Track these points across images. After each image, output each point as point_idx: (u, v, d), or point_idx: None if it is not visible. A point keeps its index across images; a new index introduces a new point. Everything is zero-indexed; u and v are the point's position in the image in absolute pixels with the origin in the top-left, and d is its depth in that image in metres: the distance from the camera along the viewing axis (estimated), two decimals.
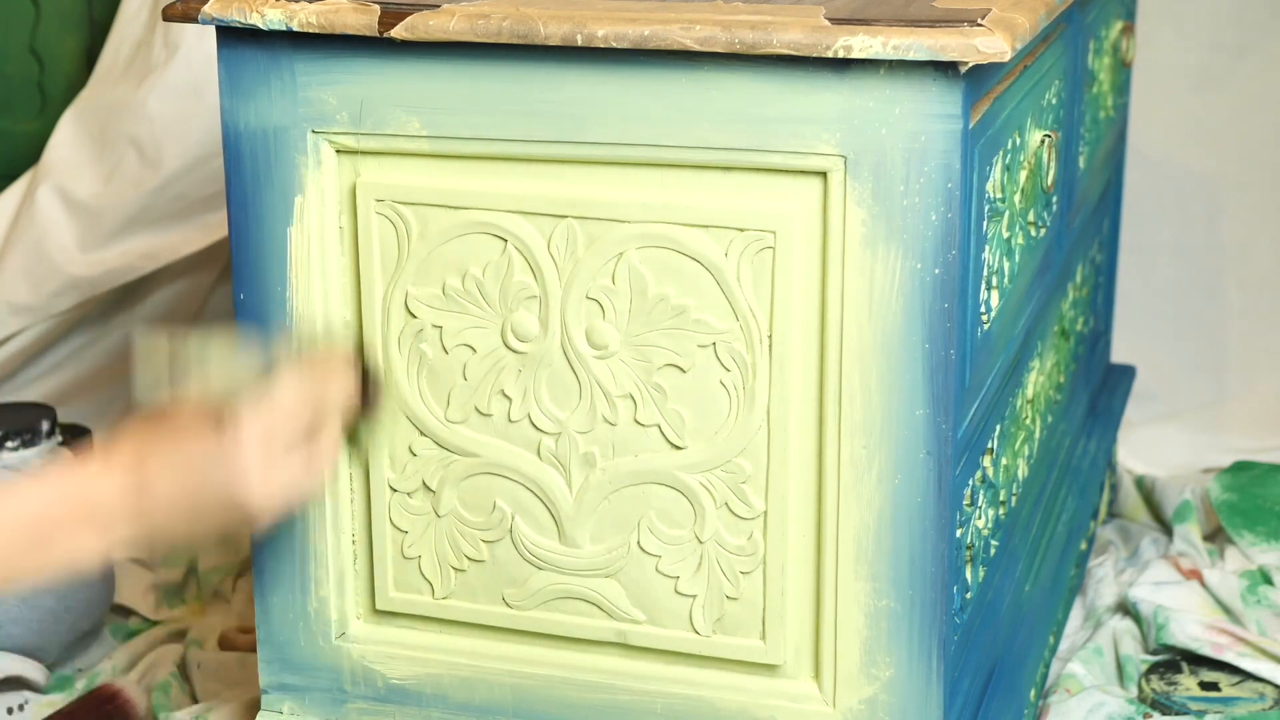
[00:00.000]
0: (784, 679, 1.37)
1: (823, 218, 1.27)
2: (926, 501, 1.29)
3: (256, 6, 1.31)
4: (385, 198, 1.35)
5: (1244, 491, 2.16)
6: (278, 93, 1.35)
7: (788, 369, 1.30)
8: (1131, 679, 1.84)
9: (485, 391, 1.37)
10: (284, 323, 1.38)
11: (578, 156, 1.30)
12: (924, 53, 1.19)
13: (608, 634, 1.40)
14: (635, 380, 1.33)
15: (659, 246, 1.30)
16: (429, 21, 1.28)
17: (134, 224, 2.25)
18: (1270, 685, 1.82)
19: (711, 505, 1.35)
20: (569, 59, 1.28)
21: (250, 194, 1.38)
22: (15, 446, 1.97)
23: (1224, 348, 2.51)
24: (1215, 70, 2.44)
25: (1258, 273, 2.49)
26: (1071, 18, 1.66)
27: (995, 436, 1.48)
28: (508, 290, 1.34)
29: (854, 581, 1.32)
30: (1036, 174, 1.49)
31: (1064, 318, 1.84)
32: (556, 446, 1.37)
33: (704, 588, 1.37)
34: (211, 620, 1.95)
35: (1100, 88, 1.91)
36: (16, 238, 2.27)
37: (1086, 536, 1.97)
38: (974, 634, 1.46)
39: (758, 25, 1.22)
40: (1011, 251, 1.44)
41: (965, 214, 1.26)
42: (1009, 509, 1.57)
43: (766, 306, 1.29)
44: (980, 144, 1.29)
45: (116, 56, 2.32)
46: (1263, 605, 1.95)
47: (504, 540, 1.40)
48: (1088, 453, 2.00)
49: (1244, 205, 2.47)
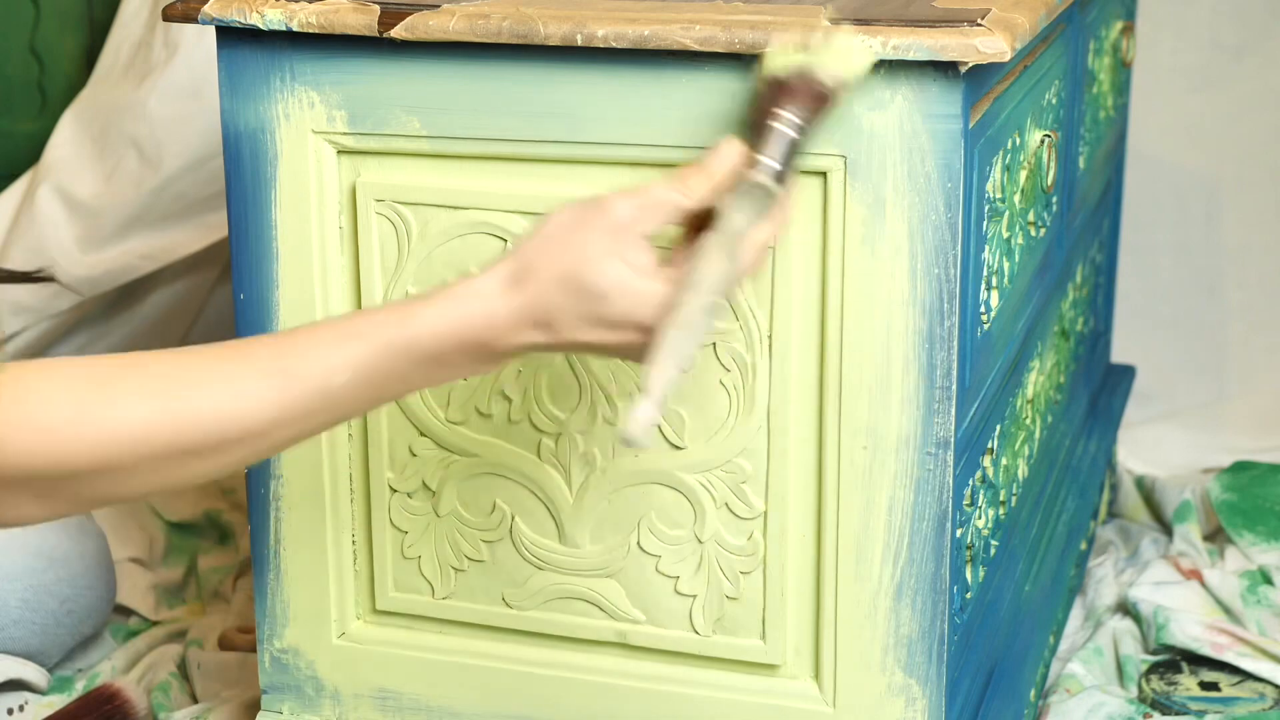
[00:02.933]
0: (784, 679, 1.38)
1: (823, 218, 1.27)
2: (926, 501, 1.29)
3: (256, 6, 1.31)
4: (385, 198, 1.35)
5: (1244, 491, 2.16)
6: (278, 93, 1.35)
7: (788, 369, 1.30)
8: (1131, 679, 1.84)
9: (485, 391, 1.37)
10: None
11: (578, 156, 1.30)
12: (924, 53, 1.19)
13: (608, 634, 1.40)
14: (635, 380, 1.33)
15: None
16: (429, 21, 1.28)
17: (134, 224, 2.25)
18: (1270, 685, 1.82)
19: (711, 505, 1.35)
20: (569, 59, 1.28)
21: (250, 194, 1.38)
22: None
23: (1224, 348, 2.51)
24: (1215, 70, 2.44)
25: (1258, 273, 2.49)
26: (1071, 18, 1.66)
27: (995, 436, 1.48)
28: None
29: (854, 581, 1.32)
30: (1036, 174, 1.49)
31: (1064, 318, 1.84)
32: (556, 446, 1.37)
33: (704, 588, 1.37)
34: (211, 620, 1.95)
35: (1100, 88, 1.91)
36: (16, 238, 2.27)
37: (1086, 536, 1.97)
38: (974, 634, 1.46)
39: (758, 25, 1.22)
40: (1011, 251, 1.44)
41: (965, 214, 1.26)
42: (1009, 509, 1.57)
43: (766, 306, 1.29)
44: (980, 144, 1.29)
45: (116, 56, 2.32)
46: (1263, 605, 1.95)
47: (504, 540, 1.40)
48: (1088, 453, 2.00)
49: (1244, 205, 2.47)
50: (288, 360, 1.09)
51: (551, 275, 1.09)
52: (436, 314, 1.10)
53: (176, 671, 1.83)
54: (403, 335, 1.09)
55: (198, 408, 1.07)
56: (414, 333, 1.10)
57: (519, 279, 1.10)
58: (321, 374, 1.08)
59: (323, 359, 1.08)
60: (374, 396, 1.11)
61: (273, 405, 1.08)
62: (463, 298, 1.10)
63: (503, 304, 1.10)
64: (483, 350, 1.11)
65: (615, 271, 1.08)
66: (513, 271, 1.11)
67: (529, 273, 1.10)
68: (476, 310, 1.10)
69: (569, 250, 1.08)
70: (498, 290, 1.10)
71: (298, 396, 1.09)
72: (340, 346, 1.09)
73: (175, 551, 2.09)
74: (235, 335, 1.42)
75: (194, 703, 1.79)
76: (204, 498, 2.18)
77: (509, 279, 1.10)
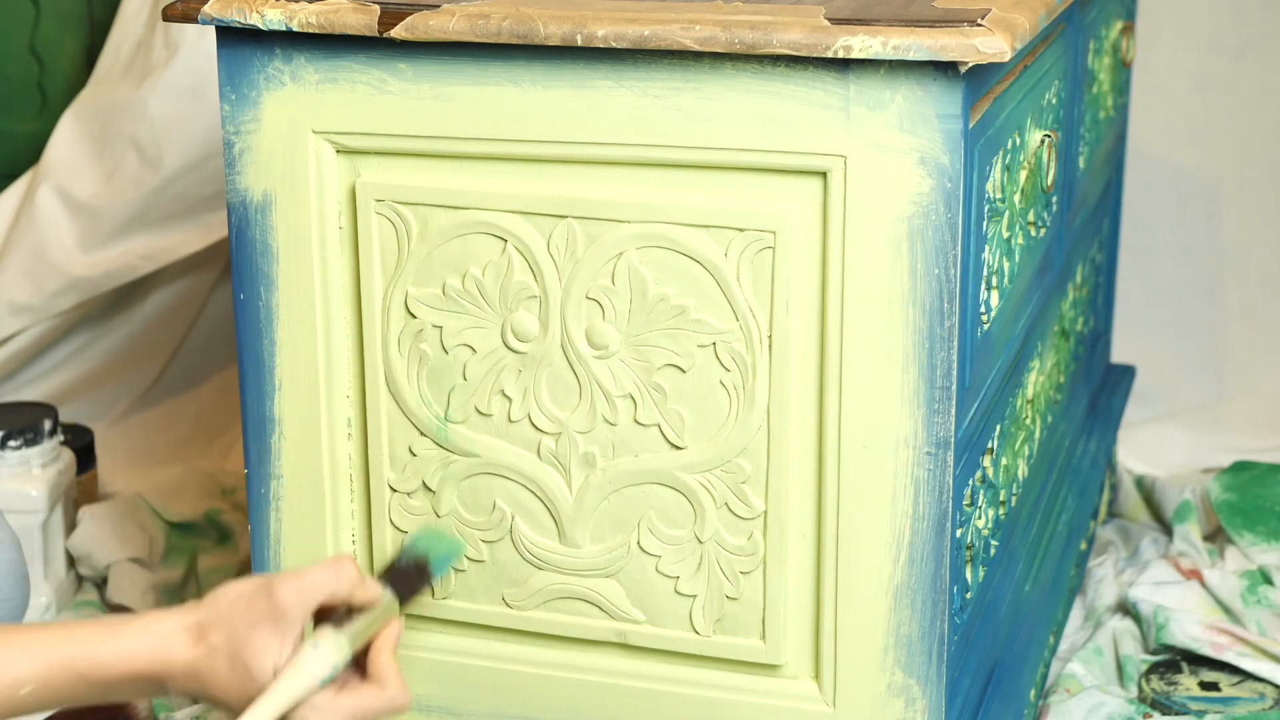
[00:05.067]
0: (784, 679, 1.38)
1: (823, 218, 1.27)
2: (926, 501, 1.29)
3: (256, 6, 1.31)
4: (385, 198, 1.35)
5: (1244, 491, 2.16)
6: (278, 93, 1.35)
7: (788, 369, 1.30)
8: (1131, 679, 1.84)
9: (485, 391, 1.37)
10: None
11: (578, 156, 1.31)
12: (924, 53, 1.19)
13: (608, 634, 1.40)
14: (635, 380, 1.33)
15: (659, 246, 1.30)
16: (429, 21, 1.28)
17: (134, 224, 2.25)
18: (1270, 685, 1.82)
19: (711, 505, 1.35)
20: (569, 59, 1.28)
21: (250, 194, 1.38)
22: (18, 445, 1.98)
23: (1224, 348, 2.51)
24: (1215, 70, 2.44)
25: (1258, 273, 2.49)
26: (1071, 18, 1.66)
27: (995, 436, 1.48)
28: (508, 290, 1.34)
29: (854, 582, 1.32)
30: (1036, 174, 1.50)
31: (1064, 318, 1.84)
32: (556, 446, 1.37)
33: (704, 588, 1.37)
34: None
35: (1100, 88, 1.91)
36: (16, 238, 2.27)
37: (1086, 536, 1.97)
38: (974, 634, 1.46)
39: (758, 25, 1.22)
40: (1011, 251, 1.44)
41: (965, 214, 1.26)
42: (1009, 509, 1.57)
43: (766, 306, 1.29)
44: (980, 144, 1.29)
45: (116, 56, 2.32)
46: (1263, 605, 1.95)
47: (504, 540, 1.40)
48: (1088, 453, 2.00)
49: (1244, 205, 2.47)
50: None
51: (220, 645, 1.18)
52: (114, 642, 1.18)
53: None
54: (84, 661, 1.17)
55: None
56: (93, 660, 1.17)
57: (198, 637, 1.18)
58: (6, 684, 1.16)
59: (7, 670, 1.16)
60: (53, 703, 1.19)
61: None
62: (140, 634, 1.19)
63: (179, 654, 1.18)
64: (153, 686, 1.20)
65: (270, 660, 1.17)
66: (196, 624, 1.18)
67: (204, 636, 1.18)
68: (151, 650, 1.18)
69: (236, 628, 1.17)
70: (177, 639, 1.19)
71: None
72: (23, 660, 1.17)
73: (175, 551, 2.09)
74: (235, 335, 1.43)
75: (194, 703, 1.79)
76: (204, 498, 2.18)
77: (191, 632, 1.18)
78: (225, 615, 1.18)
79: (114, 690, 1.19)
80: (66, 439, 2.10)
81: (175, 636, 1.18)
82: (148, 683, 1.19)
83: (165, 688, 1.19)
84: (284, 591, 1.17)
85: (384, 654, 1.21)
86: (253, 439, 1.43)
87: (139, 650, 1.17)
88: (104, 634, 1.18)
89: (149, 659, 1.18)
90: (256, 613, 1.17)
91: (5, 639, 1.18)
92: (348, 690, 1.19)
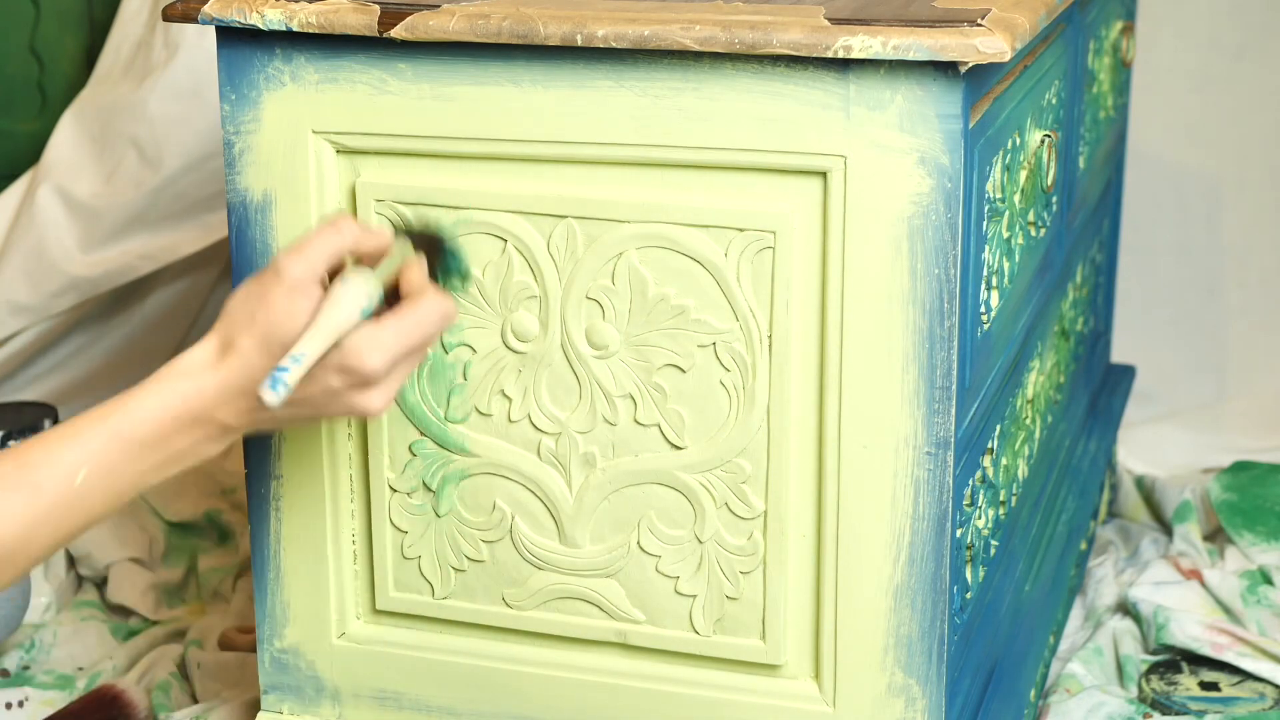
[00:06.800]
0: (784, 679, 1.38)
1: (823, 218, 1.27)
2: (926, 501, 1.29)
3: (256, 6, 1.31)
4: (385, 198, 1.35)
5: (1244, 491, 2.16)
6: (278, 93, 1.35)
7: (788, 369, 1.30)
8: (1131, 679, 1.84)
9: (485, 391, 1.37)
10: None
11: (578, 156, 1.31)
12: (924, 53, 1.19)
13: (608, 634, 1.40)
14: (635, 380, 1.33)
15: (659, 246, 1.30)
16: (429, 21, 1.28)
17: (134, 224, 2.25)
18: (1270, 685, 1.82)
19: (711, 505, 1.35)
20: (569, 59, 1.28)
21: (250, 194, 1.38)
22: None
23: (1224, 348, 2.51)
24: (1215, 70, 2.45)
25: (1258, 273, 2.49)
26: (1071, 18, 1.66)
27: (995, 436, 1.48)
28: (508, 290, 1.34)
29: (854, 581, 1.32)
30: (1036, 174, 1.50)
31: (1064, 318, 1.84)
32: (556, 446, 1.37)
33: (704, 588, 1.37)
34: (211, 620, 1.95)
35: (1100, 88, 1.91)
36: (16, 238, 2.27)
37: (1086, 536, 1.97)
38: (974, 634, 1.46)
39: (758, 25, 1.22)
40: (1011, 251, 1.44)
41: (965, 214, 1.26)
42: (1009, 509, 1.57)
43: (766, 306, 1.29)
44: (980, 144, 1.29)
45: (116, 56, 2.32)
46: (1263, 605, 1.95)
47: (504, 540, 1.40)
48: (1088, 453, 2.00)
49: (1244, 205, 2.47)
50: (27, 471, 1.14)
51: (250, 344, 1.15)
52: (148, 395, 1.16)
53: (176, 671, 1.83)
54: (125, 422, 1.15)
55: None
56: (133, 418, 1.15)
57: (223, 352, 1.16)
58: (62, 477, 1.14)
59: (59, 462, 1.14)
60: (114, 491, 1.16)
61: (20, 520, 1.13)
62: (170, 377, 1.17)
63: (209, 378, 1.16)
64: (200, 425, 1.17)
65: (302, 323, 1.15)
66: (217, 345, 1.17)
67: (230, 346, 1.16)
68: (183, 387, 1.16)
69: (257, 320, 1.15)
70: (203, 364, 1.17)
71: (45, 506, 1.13)
72: (71, 446, 1.14)
73: (175, 551, 2.09)
74: None
75: (194, 703, 1.79)
76: (204, 498, 2.18)
77: (215, 351, 1.17)
78: (242, 315, 1.16)
79: (168, 444, 1.16)
80: None
81: (199, 368, 1.16)
82: (195, 424, 1.16)
83: (217, 425, 1.17)
84: (291, 266, 1.15)
85: (413, 275, 1.19)
86: (252, 439, 1.43)
87: (170, 394, 1.15)
88: (136, 393, 1.16)
89: (181, 397, 1.15)
90: (273, 296, 1.15)
91: (47, 436, 1.15)
92: (389, 317, 1.16)
